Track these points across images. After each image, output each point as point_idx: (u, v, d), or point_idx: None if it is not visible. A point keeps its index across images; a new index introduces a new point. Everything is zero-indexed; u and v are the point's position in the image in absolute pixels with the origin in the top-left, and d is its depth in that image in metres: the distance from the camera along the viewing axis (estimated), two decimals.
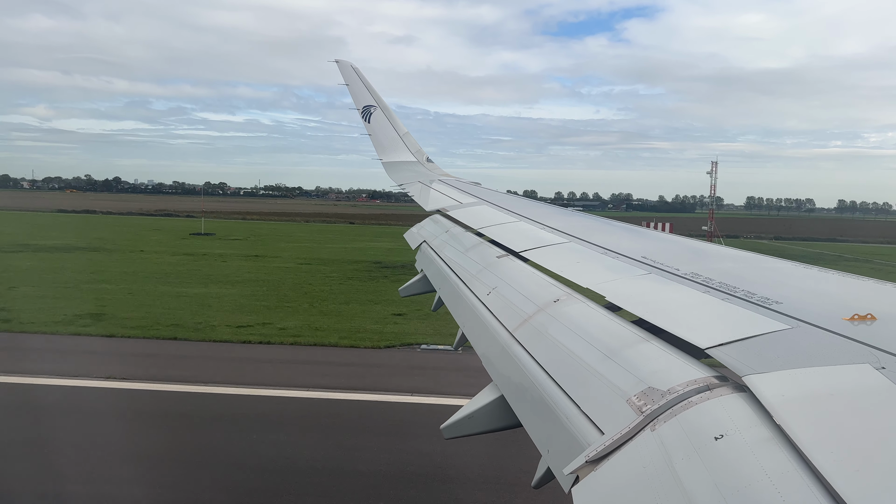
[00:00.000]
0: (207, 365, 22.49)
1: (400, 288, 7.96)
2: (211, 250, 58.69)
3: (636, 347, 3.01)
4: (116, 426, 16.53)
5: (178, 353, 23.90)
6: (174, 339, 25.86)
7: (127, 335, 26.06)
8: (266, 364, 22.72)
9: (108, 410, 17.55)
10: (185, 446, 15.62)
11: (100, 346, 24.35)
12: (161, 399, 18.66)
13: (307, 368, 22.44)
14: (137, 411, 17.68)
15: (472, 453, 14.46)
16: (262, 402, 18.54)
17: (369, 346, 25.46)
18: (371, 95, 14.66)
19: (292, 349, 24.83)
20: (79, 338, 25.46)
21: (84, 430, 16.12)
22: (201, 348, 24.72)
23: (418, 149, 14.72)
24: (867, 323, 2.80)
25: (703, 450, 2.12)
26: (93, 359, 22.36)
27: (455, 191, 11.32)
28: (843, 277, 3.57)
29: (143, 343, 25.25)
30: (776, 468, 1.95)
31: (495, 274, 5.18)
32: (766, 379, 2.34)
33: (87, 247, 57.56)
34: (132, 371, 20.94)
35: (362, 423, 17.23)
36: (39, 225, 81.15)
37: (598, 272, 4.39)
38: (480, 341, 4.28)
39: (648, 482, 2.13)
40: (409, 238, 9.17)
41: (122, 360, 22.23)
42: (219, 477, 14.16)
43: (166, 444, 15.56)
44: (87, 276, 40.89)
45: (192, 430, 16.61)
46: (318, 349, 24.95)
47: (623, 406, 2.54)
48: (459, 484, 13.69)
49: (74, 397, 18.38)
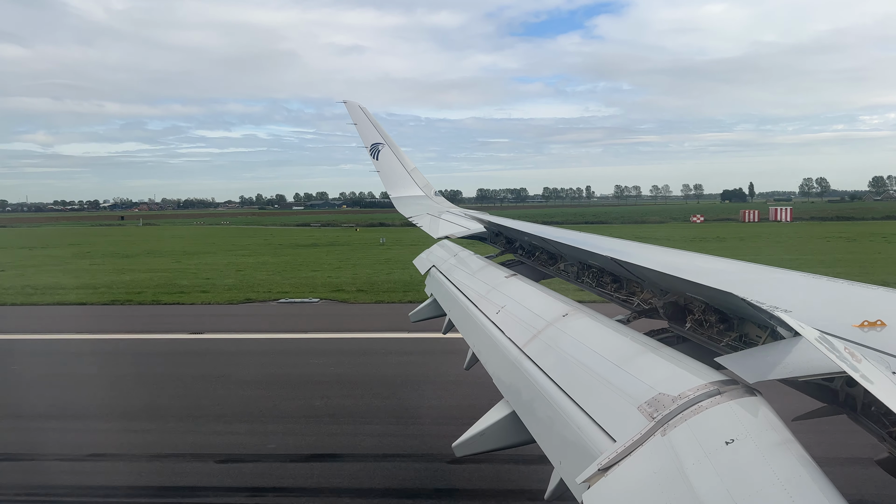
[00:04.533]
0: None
1: (410, 313, 7.97)
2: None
3: (646, 356, 3.01)
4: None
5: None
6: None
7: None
8: None
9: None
10: None
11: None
12: None
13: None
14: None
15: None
16: None
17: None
18: (379, 133, 14.93)
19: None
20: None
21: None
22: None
23: (426, 183, 14.94)
24: (877, 329, 2.79)
25: (713, 454, 2.11)
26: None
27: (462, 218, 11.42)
28: (851, 285, 3.57)
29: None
30: (787, 473, 1.94)
31: (504, 293, 5.20)
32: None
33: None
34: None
35: None
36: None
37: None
38: (491, 359, 4.29)
39: (659, 487, 2.12)
40: (419, 263, 9.21)
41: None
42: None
43: None
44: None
45: None
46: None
47: (634, 413, 2.54)
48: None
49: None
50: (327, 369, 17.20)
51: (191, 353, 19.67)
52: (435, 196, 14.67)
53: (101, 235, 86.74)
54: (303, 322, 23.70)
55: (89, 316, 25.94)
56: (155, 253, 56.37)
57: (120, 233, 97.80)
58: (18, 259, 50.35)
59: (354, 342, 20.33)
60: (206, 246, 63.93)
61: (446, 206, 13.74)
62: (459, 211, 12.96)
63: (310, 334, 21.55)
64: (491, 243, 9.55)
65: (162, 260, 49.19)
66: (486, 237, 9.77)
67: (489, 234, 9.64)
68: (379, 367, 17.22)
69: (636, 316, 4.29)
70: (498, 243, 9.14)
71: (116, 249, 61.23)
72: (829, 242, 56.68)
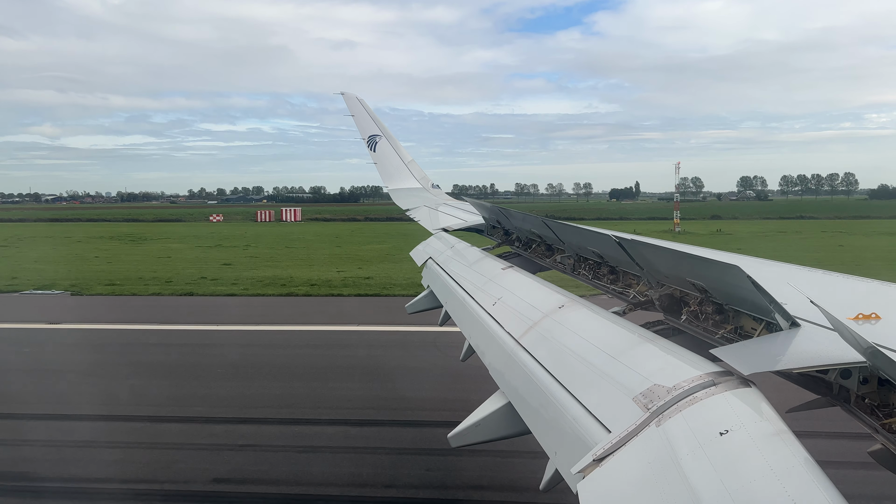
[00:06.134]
0: None
1: (406, 305, 7.97)
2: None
3: (642, 347, 3.02)
4: None
5: None
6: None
7: None
8: None
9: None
10: None
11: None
12: None
13: None
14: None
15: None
16: None
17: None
18: (376, 125, 14.88)
19: None
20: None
21: None
22: None
23: (423, 175, 14.91)
24: (872, 322, 2.81)
25: (707, 444, 2.12)
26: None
27: (460, 211, 11.42)
28: (846, 279, 3.59)
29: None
30: (781, 463, 1.95)
31: (500, 285, 5.21)
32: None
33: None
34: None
35: None
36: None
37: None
38: (487, 350, 4.30)
39: (653, 476, 2.13)
40: (415, 255, 9.20)
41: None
42: None
43: None
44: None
45: None
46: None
47: (629, 404, 2.55)
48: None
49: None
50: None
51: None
52: (432, 188, 14.65)
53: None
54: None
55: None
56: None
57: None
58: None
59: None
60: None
61: (443, 199, 13.72)
62: (457, 203, 12.96)
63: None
64: (488, 235, 9.55)
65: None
66: (483, 229, 9.76)
67: (486, 227, 9.63)
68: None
69: (632, 308, 4.30)
70: (495, 235, 9.14)
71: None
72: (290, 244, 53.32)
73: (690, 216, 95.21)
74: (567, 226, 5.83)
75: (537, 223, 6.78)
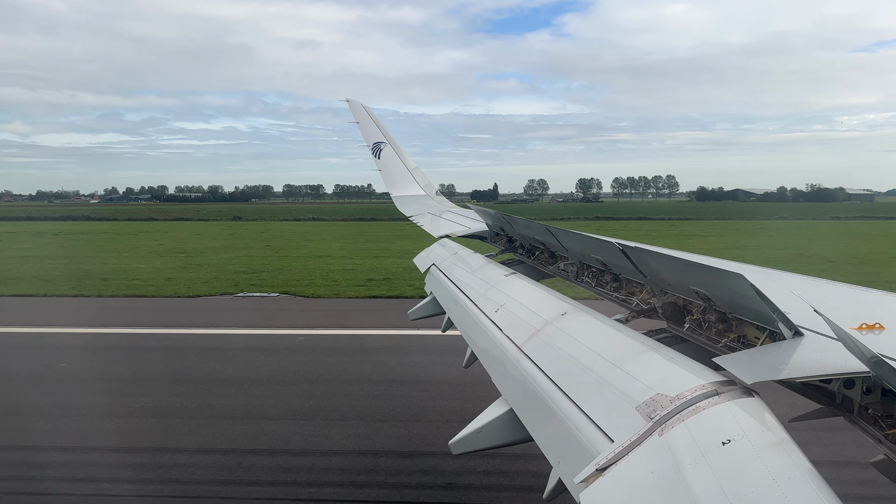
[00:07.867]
0: None
1: (409, 311, 7.96)
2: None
3: (644, 356, 3.02)
4: None
5: None
6: None
7: None
8: None
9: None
10: None
11: None
12: None
13: None
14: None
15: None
16: None
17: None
18: (381, 132, 14.88)
19: None
20: None
21: None
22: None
23: (427, 182, 14.93)
24: (875, 332, 2.80)
25: (710, 455, 2.12)
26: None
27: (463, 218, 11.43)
28: (850, 288, 3.58)
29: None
30: (783, 473, 1.94)
31: (503, 292, 5.21)
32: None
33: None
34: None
35: None
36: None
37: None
38: (489, 357, 4.29)
39: (656, 486, 2.13)
40: (419, 262, 9.20)
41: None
42: None
43: None
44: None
45: None
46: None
47: (632, 413, 2.55)
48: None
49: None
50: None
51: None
52: (436, 195, 14.67)
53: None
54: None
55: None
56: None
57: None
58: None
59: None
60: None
61: (447, 206, 13.74)
62: (461, 210, 12.97)
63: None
64: (491, 242, 9.55)
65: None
66: (487, 236, 9.77)
67: (490, 234, 9.63)
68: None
69: (635, 315, 4.29)
70: (498, 242, 9.14)
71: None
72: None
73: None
74: (570, 233, 5.83)
75: (540, 230, 6.77)
